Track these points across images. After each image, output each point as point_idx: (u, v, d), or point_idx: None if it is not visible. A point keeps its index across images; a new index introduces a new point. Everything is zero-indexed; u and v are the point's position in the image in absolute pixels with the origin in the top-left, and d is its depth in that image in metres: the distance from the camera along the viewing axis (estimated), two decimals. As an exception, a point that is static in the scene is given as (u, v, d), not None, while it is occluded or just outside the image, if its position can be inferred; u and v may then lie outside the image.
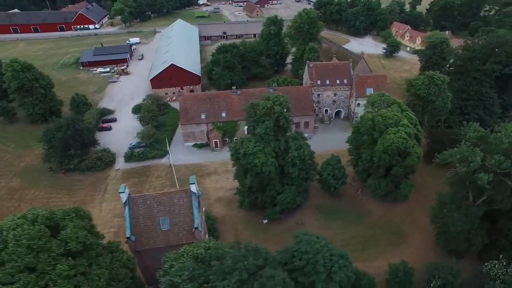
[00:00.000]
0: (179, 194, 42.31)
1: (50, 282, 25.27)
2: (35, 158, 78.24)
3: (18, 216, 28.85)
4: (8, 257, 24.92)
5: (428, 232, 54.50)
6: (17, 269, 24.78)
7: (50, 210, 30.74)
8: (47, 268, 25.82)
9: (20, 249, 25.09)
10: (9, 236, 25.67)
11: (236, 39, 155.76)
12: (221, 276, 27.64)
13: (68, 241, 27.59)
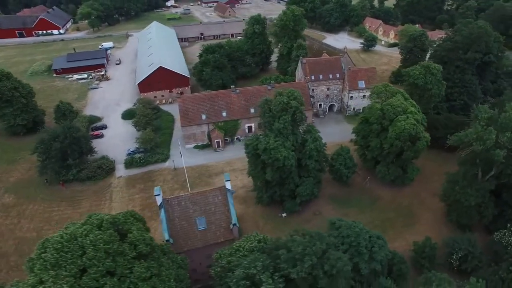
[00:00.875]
0: (213, 192, 42.72)
1: (131, 285, 25.01)
2: (25, 172, 74.42)
3: (82, 223, 28.04)
4: (89, 262, 24.37)
5: (436, 211, 58.86)
6: (100, 273, 24.33)
7: (111, 215, 30.10)
8: (125, 271, 25.51)
9: (100, 254, 24.64)
10: (86, 242, 25.04)
11: (213, 40, 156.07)
12: (292, 263, 28.78)
13: (137, 243, 27.35)
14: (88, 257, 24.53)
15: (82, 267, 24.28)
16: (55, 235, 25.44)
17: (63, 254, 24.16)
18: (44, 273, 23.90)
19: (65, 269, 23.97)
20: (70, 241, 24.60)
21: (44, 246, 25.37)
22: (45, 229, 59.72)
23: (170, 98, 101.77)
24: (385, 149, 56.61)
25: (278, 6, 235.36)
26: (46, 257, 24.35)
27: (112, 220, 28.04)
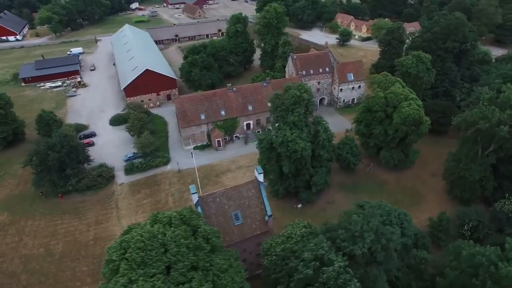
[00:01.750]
0: (246, 186, 43.55)
1: (215, 278, 25.33)
2: (14, 187, 70.38)
3: (149, 222, 27.71)
4: (174, 258, 24.35)
5: (438, 189, 63.77)
6: (186, 268, 24.41)
7: (176, 211, 29.97)
8: (206, 264, 25.77)
9: (182, 249, 24.75)
10: (166, 239, 24.95)
11: (188, 41, 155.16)
12: (352, 241, 30.64)
13: (209, 237, 27.69)
14: (171, 253, 24.58)
15: (167, 263, 24.33)
16: (134, 235, 25.05)
17: (148, 253, 24.08)
18: (132, 272, 23.69)
19: (151, 266, 23.95)
20: (151, 240, 24.52)
21: (122, 247, 24.99)
22: (52, 243, 57.11)
23: (158, 101, 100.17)
24: (389, 135, 60.36)
25: (246, 5, 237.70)
26: (130, 257, 24.12)
27: (179, 217, 28.11)
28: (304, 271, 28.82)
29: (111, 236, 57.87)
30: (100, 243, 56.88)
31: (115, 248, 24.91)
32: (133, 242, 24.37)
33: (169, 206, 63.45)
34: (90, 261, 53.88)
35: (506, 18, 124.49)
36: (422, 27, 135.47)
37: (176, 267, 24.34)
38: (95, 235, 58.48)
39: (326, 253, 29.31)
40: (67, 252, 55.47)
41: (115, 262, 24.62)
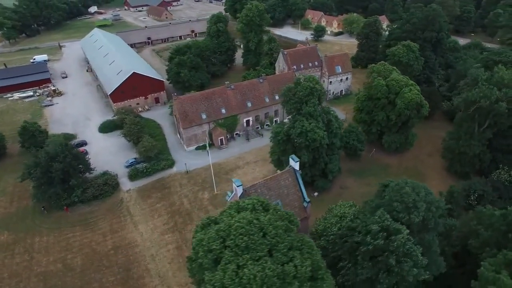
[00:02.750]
0: (284, 175, 45.21)
1: (308, 255, 26.60)
2: (8, 205, 66.30)
3: (235, 211, 28.21)
4: (273, 240, 25.31)
5: (437, 167, 69.67)
6: (286, 248, 25.50)
7: (254, 197, 30.74)
8: (298, 244, 27.01)
9: (279, 231, 25.86)
10: (263, 223, 25.80)
11: (161, 44, 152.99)
12: (407, 212, 33.58)
13: (291, 219, 29.03)
14: (270, 236, 25.50)
15: (269, 246, 25.29)
16: (232, 222, 25.41)
17: (251, 237, 24.87)
18: (238, 258, 24.43)
19: (256, 250, 24.80)
20: (250, 225, 25.32)
21: (220, 236, 25.46)
22: (69, 257, 54.73)
23: (146, 105, 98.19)
24: (391, 120, 64.94)
25: (211, 6, 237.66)
26: (233, 244, 24.79)
27: (259, 203, 29.10)
28: (374, 242, 31.21)
29: (131, 243, 56.70)
30: (121, 251, 55.47)
31: (213, 238, 25.26)
32: (233, 229, 25.04)
33: (186, 208, 63.21)
34: (115, 270, 52.42)
35: (463, 10, 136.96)
36: (390, 20, 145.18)
37: (277, 248, 25.44)
38: (114, 244, 56.83)
39: (390, 223, 31.99)
40: (88, 264, 53.49)
41: (216, 251, 25.10)
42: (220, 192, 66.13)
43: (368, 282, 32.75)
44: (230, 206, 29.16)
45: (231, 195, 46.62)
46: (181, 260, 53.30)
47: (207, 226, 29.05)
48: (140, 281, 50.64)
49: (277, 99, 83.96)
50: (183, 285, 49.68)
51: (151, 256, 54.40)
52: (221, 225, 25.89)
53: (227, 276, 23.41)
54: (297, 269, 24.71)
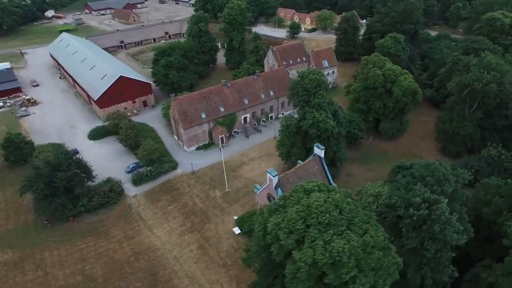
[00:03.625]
0: (311, 164, 47.39)
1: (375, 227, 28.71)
2: (4, 223, 62.85)
3: (302, 193, 29.58)
4: (349, 215, 27.13)
5: (430, 148, 75.36)
6: (363, 222, 27.44)
7: (312, 180, 32.21)
8: (365, 218, 28.87)
9: (353, 207, 27.82)
10: (338, 201, 27.58)
11: (135, 47, 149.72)
12: (439, 184, 37.06)
13: (352, 197, 31.11)
14: (345, 211, 27.32)
15: (346, 221, 27.10)
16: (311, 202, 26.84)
17: (331, 214, 26.44)
18: (323, 235, 25.92)
19: (337, 225, 26.36)
20: (327, 203, 26.97)
21: (301, 217, 26.79)
22: (88, 268, 53.10)
23: (135, 109, 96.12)
24: (389, 107, 69.39)
25: (179, 7, 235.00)
26: (316, 222, 26.29)
27: (320, 184, 30.88)
28: (418, 213, 34.13)
29: (150, 248, 56.01)
30: (142, 256, 54.66)
31: (294, 219, 26.51)
32: (314, 208, 26.53)
33: (200, 207, 63.31)
34: (140, 276, 51.67)
35: (427, 4, 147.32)
36: (360, 16, 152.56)
37: (354, 222, 27.34)
38: (133, 250, 55.80)
39: (430, 194, 35.17)
40: (109, 273, 52.22)
41: (299, 231, 26.42)
42: (231, 189, 66.90)
43: (413, 252, 35.66)
44: (296, 189, 30.60)
45: (260, 187, 48.04)
46: (207, 258, 53.69)
47: (275, 211, 30.30)
48: (169, 283, 50.36)
49: (272, 95, 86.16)
50: (214, 282, 50.11)
51: (175, 258, 54.15)
52: (299, 207, 27.31)
53: (318, 252, 24.94)
54: (374, 239, 26.88)
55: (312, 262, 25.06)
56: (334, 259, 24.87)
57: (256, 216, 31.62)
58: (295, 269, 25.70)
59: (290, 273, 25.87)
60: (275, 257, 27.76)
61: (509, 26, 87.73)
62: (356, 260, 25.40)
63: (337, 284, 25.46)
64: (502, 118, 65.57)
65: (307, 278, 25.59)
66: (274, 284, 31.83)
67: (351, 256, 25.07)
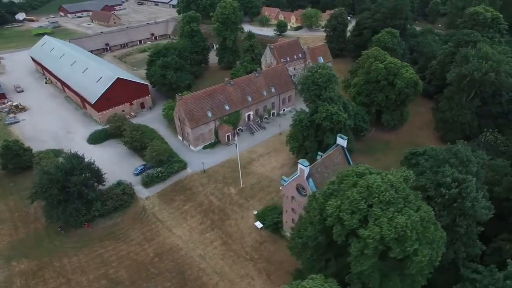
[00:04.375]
0: (335, 154, 49.34)
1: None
2: (14, 232, 61.16)
3: (354, 177, 31.38)
4: (403, 193, 29.32)
5: (430, 137, 79.31)
6: (417, 199, 29.78)
7: (359, 165, 33.99)
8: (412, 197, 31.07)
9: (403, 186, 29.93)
10: (392, 181, 29.68)
11: (121, 49, 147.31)
12: (463, 165, 40.02)
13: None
14: (399, 190, 29.33)
15: (402, 199, 29.17)
16: (370, 183, 28.69)
17: (390, 193, 28.37)
18: (385, 212, 27.82)
19: (396, 203, 28.37)
20: (384, 183, 28.92)
21: (363, 197, 28.70)
22: (111, 272, 52.65)
23: (132, 112, 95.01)
24: (391, 99, 72.74)
25: (159, 9, 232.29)
26: (378, 201, 28.28)
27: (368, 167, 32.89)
28: (449, 192, 36.80)
29: (173, 248, 56.10)
30: (166, 257, 54.72)
31: (356, 200, 28.21)
32: (375, 188, 28.37)
33: (216, 205, 63.94)
34: (168, 276, 51.75)
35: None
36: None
37: (408, 200, 29.42)
38: (155, 251, 55.72)
39: (459, 175, 37.97)
40: (135, 276, 52.00)
41: (362, 210, 28.16)
42: (245, 185, 67.92)
43: (445, 229, 38.13)
44: (348, 173, 32.30)
45: (287, 179, 49.52)
46: (232, 254, 54.51)
47: (329, 196, 31.88)
48: (198, 281, 50.81)
49: (274, 91, 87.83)
50: (244, 276, 51.05)
51: (200, 256, 54.61)
52: (359, 188, 29.09)
53: (384, 228, 26.76)
54: (427, 214, 29.14)
55: (379, 238, 26.89)
56: (399, 234, 26.83)
57: (309, 203, 33.03)
58: (361, 247, 27.42)
59: (357, 251, 27.56)
60: (336, 238, 29.31)
61: (490, 20, 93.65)
62: (417, 234, 27.53)
63: (400, 258, 27.51)
64: (497, 106, 70.44)
65: (373, 254, 27.45)
66: (327, 267, 33.38)
67: (412, 230, 27.16)
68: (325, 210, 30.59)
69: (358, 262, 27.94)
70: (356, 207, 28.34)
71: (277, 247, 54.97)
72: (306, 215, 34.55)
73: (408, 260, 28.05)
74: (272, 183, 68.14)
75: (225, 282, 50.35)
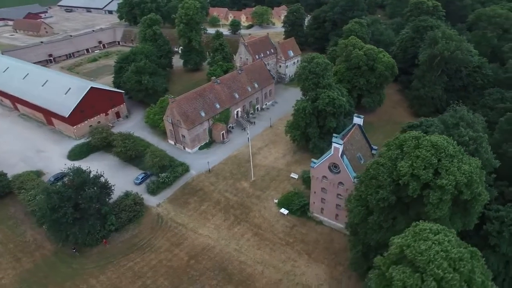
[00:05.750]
0: (355, 132, 54.54)
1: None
2: (16, 265, 55.89)
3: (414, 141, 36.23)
4: (456, 148, 34.75)
5: (405, 114, 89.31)
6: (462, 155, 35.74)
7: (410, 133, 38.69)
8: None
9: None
10: (445, 139, 34.85)
11: (68, 60, 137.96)
12: (470, 127, 47.79)
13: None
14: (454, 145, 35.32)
15: (459, 152, 34.74)
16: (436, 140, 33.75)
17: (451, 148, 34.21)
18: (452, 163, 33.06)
19: (456, 156, 33.77)
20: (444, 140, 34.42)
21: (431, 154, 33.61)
22: (149, 282, 51.45)
23: (109, 122, 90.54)
24: (372, 83, 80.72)
25: (94, 16, 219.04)
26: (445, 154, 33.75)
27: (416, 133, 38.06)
28: (468, 149, 43.81)
29: (205, 248, 56.21)
30: (201, 257, 54.78)
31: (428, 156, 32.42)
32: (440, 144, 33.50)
33: (234, 200, 65.10)
34: (211, 275, 52.04)
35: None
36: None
37: (461, 152, 35.14)
38: (188, 254, 55.39)
39: (474, 133, 45.43)
40: (177, 281, 51.38)
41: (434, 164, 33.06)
42: (256, 178, 70.06)
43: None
44: (405, 139, 37.12)
45: (317, 161, 53.34)
46: (268, 242, 56.64)
47: (395, 159, 36.18)
48: (243, 273, 52.05)
49: (257, 87, 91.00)
50: (286, 260, 53.53)
51: (236, 250, 55.75)
52: (427, 147, 33.94)
53: (457, 176, 31.97)
54: (477, 162, 35.45)
55: (455, 184, 32.13)
56: (468, 179, 32.43)
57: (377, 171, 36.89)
58: (439, 195, 32.27)
59: (436, 199, 32.32)
60: (412, 193, 33.77)
61: (432, 8, 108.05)
62: (479, 177, 33.44)
63: (469, 199, 33.32)
64: (458, 80, 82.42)
65: (450, 199, 32.67)
66: (394, 225, 37.84)
67: (475, 175, 33.02)
68: (396, 172, 35.07)
69: (436, 209, 32.86)
70: (428, 163, 33.23)
71: (308, 228, 58.48)
72: (365, 183, 38.57)
73: (474, 200, 33.96)
74: (280, 172, 71.32)
75: (270, 269, 52.36)
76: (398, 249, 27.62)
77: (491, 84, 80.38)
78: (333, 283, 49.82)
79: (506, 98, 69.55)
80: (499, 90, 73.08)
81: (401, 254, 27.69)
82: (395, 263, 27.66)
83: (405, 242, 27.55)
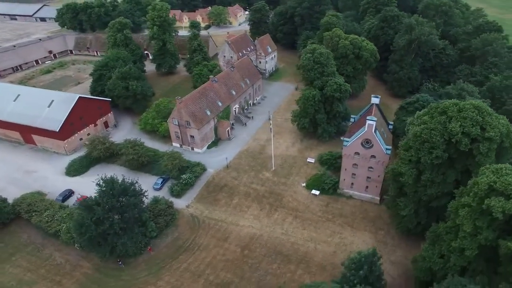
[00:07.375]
0: (375, 110, 61.68)
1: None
2: (71, 281, 53.26)
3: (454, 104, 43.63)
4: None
5: (385, 95, 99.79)
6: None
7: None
8: None
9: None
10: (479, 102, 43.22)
11: (16, 73, 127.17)
12: (470, 94, 57.93)
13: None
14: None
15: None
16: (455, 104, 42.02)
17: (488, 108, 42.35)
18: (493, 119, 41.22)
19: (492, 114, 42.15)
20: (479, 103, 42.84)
21: (475, 114, 40.77)
22: (212, 278, 52.96)
23: (99, 133, 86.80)
24: (358, 69, 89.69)
25: (22, 24, 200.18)
26: (486, 114, 41.36)
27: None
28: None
29: (253, 237, 58.89)
30: (253, 246, 57.32)
31: (474, 116, 40.02)
32: (481, 106, 41.61)
33: (263, 190, 68.42)
34: (269, 259, 54.91)
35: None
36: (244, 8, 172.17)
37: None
38: (239, 246, 57.48)
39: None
40: (239, 272, 53.39)
41: (480, 121, 40.72)
42: (276, 167, 74.04)
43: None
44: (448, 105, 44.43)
45: (349, 140, 59.52)
46: (310, 222, 61.36)
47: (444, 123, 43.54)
48: (299, 252, 56.02)
49: (249, 83, 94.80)
50: (332, 234, 58.75)
51: (283, 233, 59.46)
52: (470, 109, 41.41)
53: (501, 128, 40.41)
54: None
55: (500, 135, 40.49)
56: (507, 130, 41.26)
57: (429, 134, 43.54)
58: (488, 145, 40.05)
59: (485, 149, 40.06)
60: (464, 148, 41.20)
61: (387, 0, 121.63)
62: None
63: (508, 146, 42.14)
64: (428, 61, 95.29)
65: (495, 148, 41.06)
66: (445, 178, 45.29)
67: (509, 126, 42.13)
68: (447, 133, 42.41)
69: (486, 157, 40.89)
70: (475, 121, 41.05)
71: (342, 203, 64.46)
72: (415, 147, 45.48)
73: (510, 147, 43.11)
74: (296, 159, 76.33)
75: (322, 244, 57.13)
76: (487, 186, 34.58)
77: (453, 63, 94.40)
78: (380, 245, 56.15)
79: (475, 72, 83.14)
80: (467, 66, 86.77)
81: (490, 189, 34.65)
82: (487, 197, 34.51)
83: (491, 179, 34.62)
